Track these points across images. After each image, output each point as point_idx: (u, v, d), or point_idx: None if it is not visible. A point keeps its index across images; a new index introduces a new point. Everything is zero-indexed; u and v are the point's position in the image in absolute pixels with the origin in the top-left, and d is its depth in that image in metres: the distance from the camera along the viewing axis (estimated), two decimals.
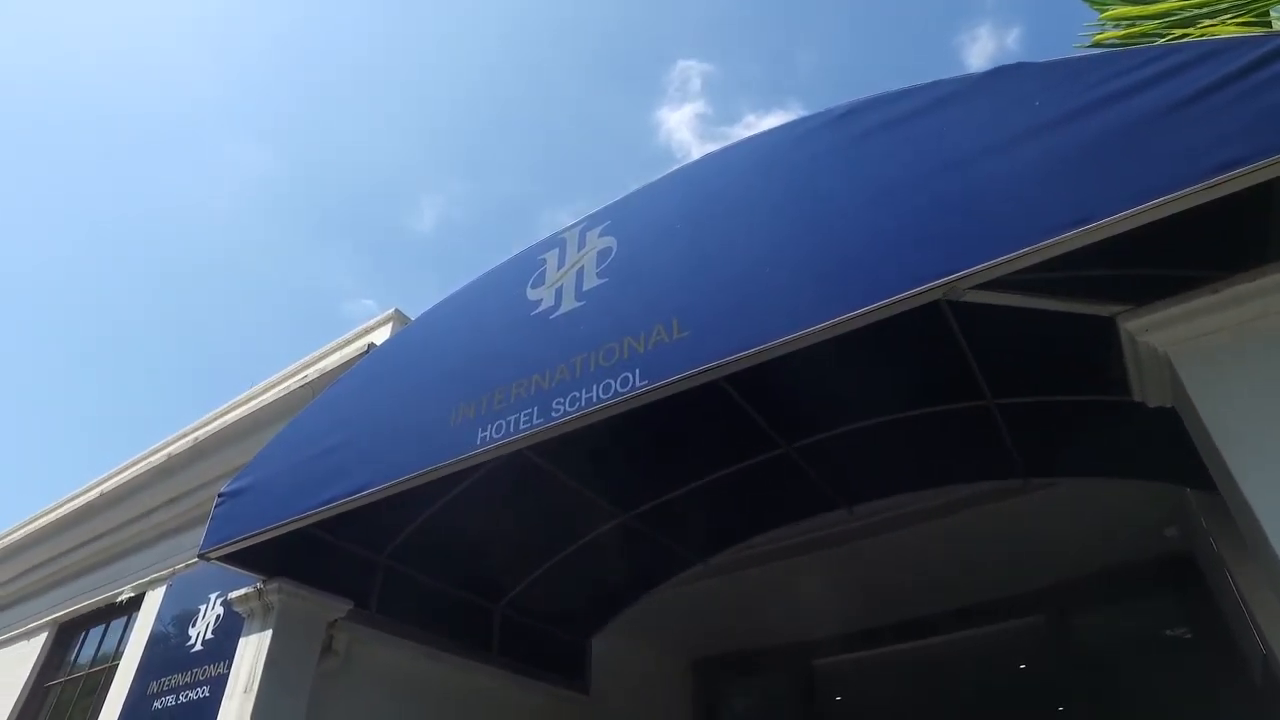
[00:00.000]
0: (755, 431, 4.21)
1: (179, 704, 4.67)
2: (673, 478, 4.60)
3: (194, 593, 5.15)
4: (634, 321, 2.82)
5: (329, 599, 4.08)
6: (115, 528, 6.16)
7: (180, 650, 4.96)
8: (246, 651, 3.96)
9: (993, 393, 3.87)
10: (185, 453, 5.48)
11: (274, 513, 3.58)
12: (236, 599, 4.09)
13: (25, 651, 6.64)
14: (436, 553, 4.61)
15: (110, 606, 6.05)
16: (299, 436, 3.86)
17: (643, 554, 5.13)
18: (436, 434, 3.13)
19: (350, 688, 4.20)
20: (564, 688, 5.44)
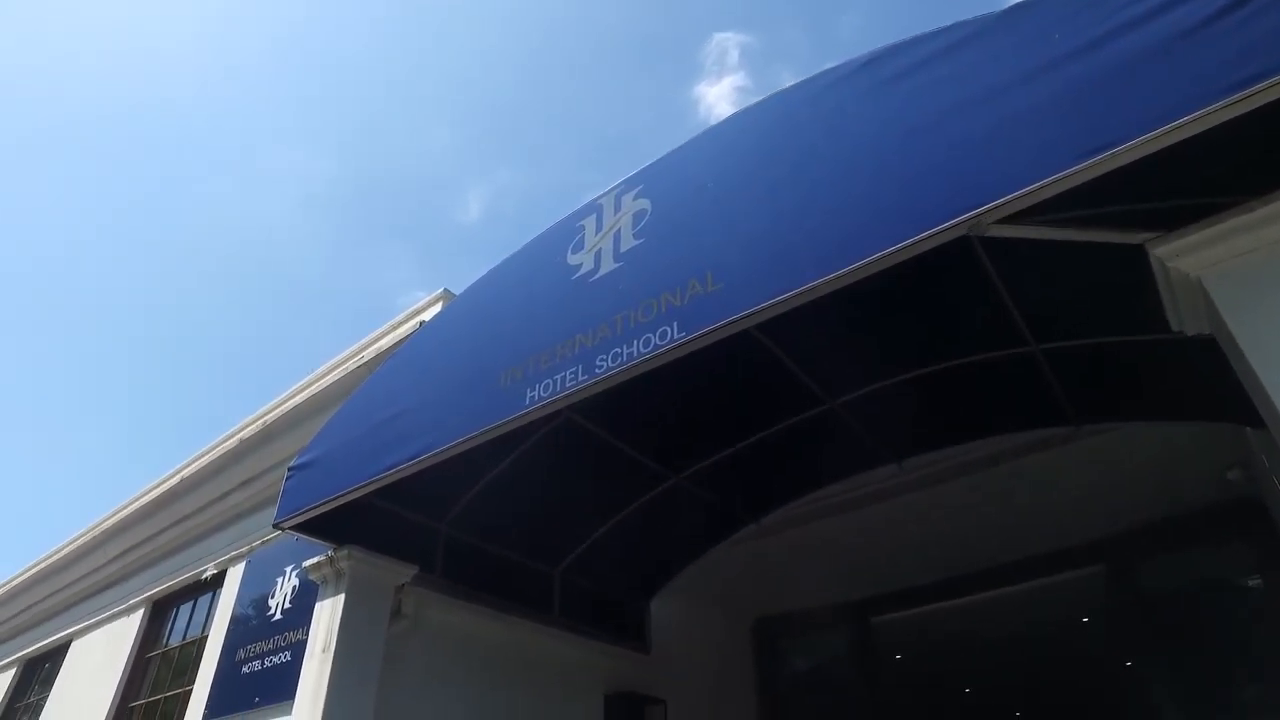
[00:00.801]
0: (800, 389, 4.27)
1: (265, 668, 4.98)
2: (721, 439, 4.69)
3: (271, 567, 5.45)
4: (670, 278, 2.92)
5: (395, 564, 4.28)
6: (196, 510, 6.53)
7: (262, 620, 5.27)
8: (322, 616, 4.19)
9: (1036, 338, 3.86)
10: (255, 436, 5.77)
11: (339, 482, 3.79)
12: (310, 567, 4.33)
13: (126, 627, 7.11)
14: (494, 520, 4.79)
15: (197, 584, 6.42)
16: (358, 411, 4.05)
17: (695, 516, 5.24)
18: (487, 397, 3.28)
19: (420, 647, 4.41)
20: (624, 647, 5.61)
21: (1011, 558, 5.88)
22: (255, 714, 4.85)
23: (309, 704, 3.94)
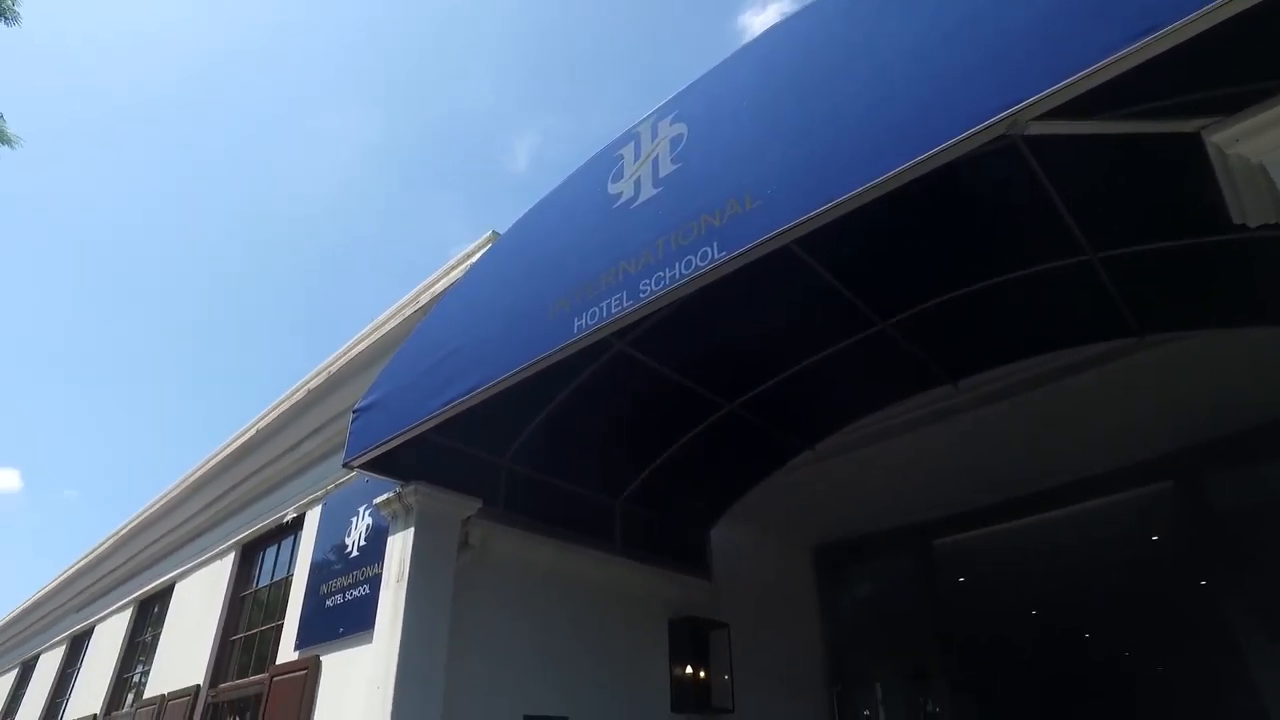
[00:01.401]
0: (849, 311, 4.24)
1: (346, 601, 5.27)
2: (773, 365, 4.70)
3: (346, 507, 5.73)
4: (709, 199, 2.92)
5: (460, 498, 4.46)
6: (274, 459, 6.86)
7: (340, 557, 5.56)
8: (394, 549, 4.41)
9: (1092, 245, 3.75)
10: (322, 385, 6.01)
11: (400, 420, 3.94)
12: (380, 504, 4.54)
13: (220, 570, 7.59)
14: (553, 453, 4.92)
15: (280, 527, 6.80)
16: (415, 352, 4.19)
17: (750, 444, 5.30)
18: (536, 329, 3.35)
19: (487, 577, 4.61)
20: (687, 574, 5.77)
21: (1075, 476, 5.80)
22: (340, 643, 5.16)
23: (387, 631, 4.18)
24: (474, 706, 4.29)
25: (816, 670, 6.60)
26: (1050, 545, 7.16)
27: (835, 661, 6.65)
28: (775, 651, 6.29)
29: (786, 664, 6.37)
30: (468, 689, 4.27)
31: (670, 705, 5.37)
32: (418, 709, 3.95)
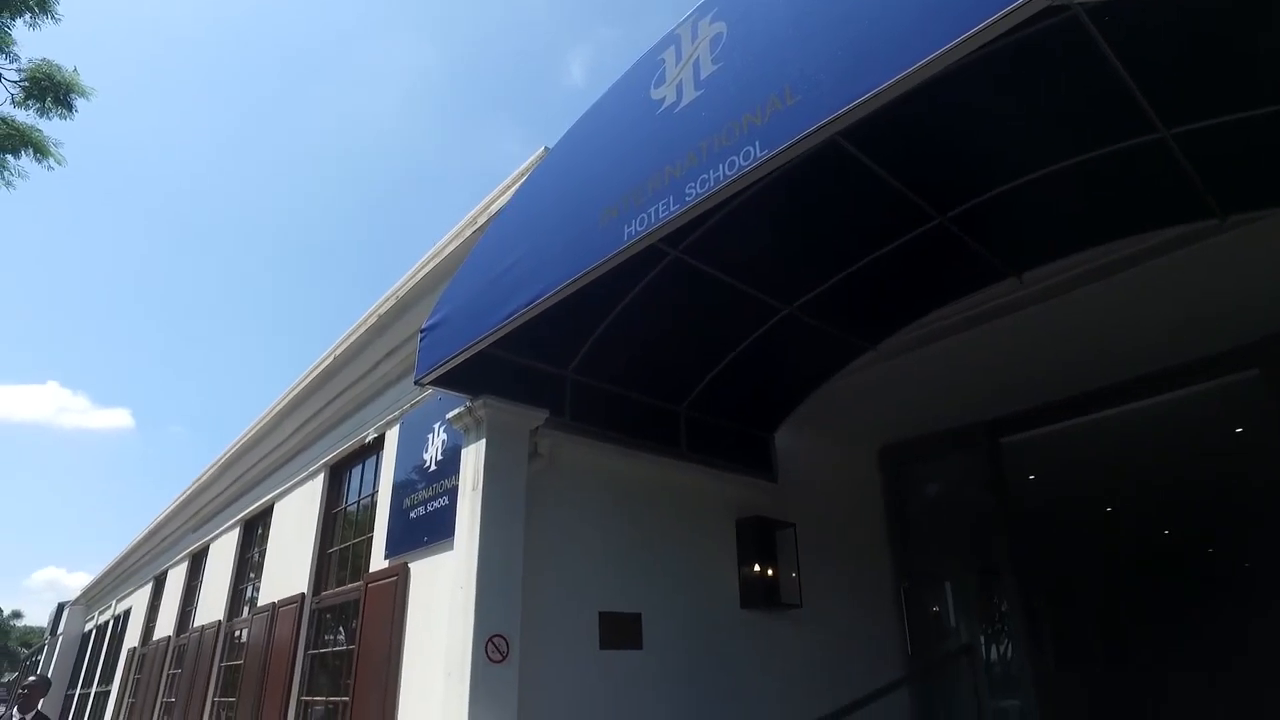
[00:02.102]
0: (906, 205, 4.14)
1: (427, 512, 5.59)
2: (830, 266, 4.65)
3: (422, 425, 6.00)
4: (750, 98, 2.87)
5: (527, 410, 4.63)
6: (352, 383, 7.20)
7: (420, 472, 5.86)
8: (468, 461, 4.63)
9: (1165, 121, 3.55)
10: (391, 310, 6.23)
11: (464, 336, 4.08)
12: (452, 418, 4.75)
13: (313, 490, 8.10)
14: (616, 364, 5.03)
15: (363, 447, 7.18)
16: (475, 270, 4.29)
17: (812, 346, 5.30)
18: (587, 239, 3.40)
19: (558, 484, 4.81)
20: (752, 476, 5.90)
21: (1152, 367, 5.59)
22: (424, 550, 5.50)
23: (466, 537, 4.43)
24: (550, 604, 4.55)
25: (883, 568, 6.72)
26: (1126, 440, 7.01)
27: (902, 559, 6.74)
28: (842, 550, 6.42)
29: (853, 562, 6.50)
30: (544, 588, 4.52)
31: (739, 602, 5.58)
32: (498, 606, 4.22)
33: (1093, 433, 6.38)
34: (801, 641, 5.79)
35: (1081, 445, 6.72)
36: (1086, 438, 6.51)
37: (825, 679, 4.89)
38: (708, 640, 5.30)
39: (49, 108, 10.04)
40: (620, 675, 4.77)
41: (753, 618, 5.61)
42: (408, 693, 5.29)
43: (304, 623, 7.41)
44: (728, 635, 5.44)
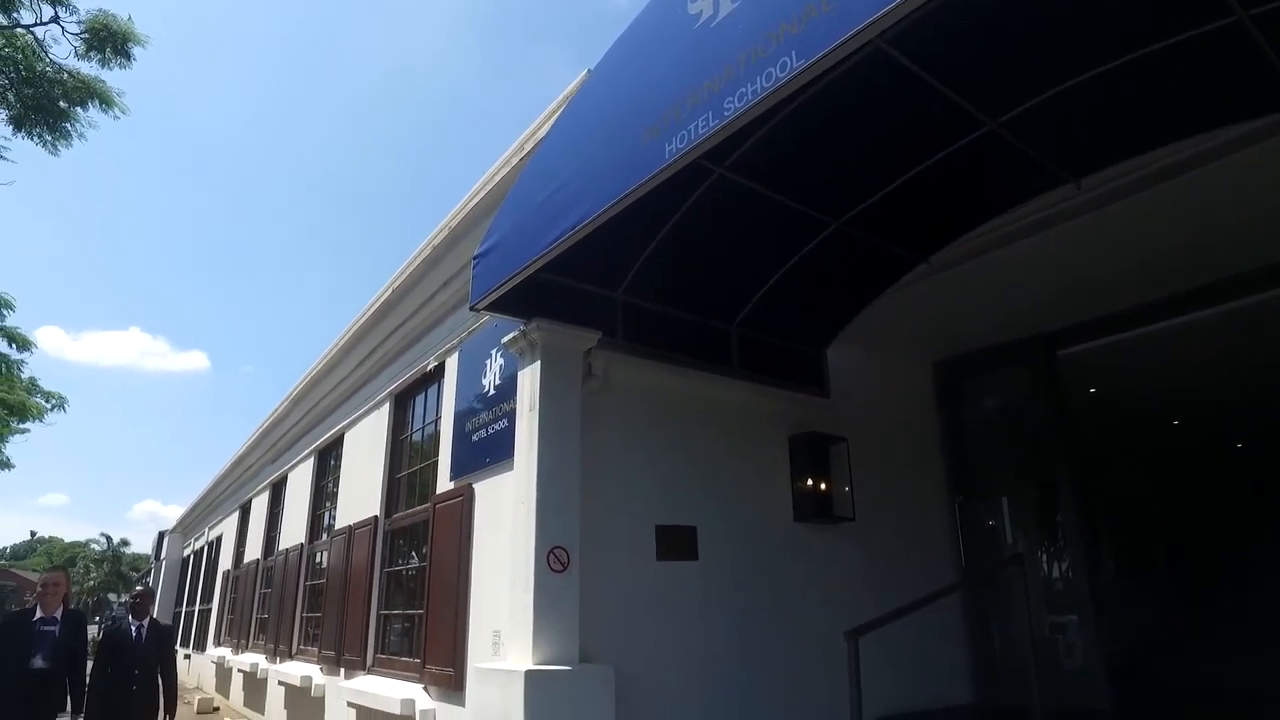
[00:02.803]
0: (955, 112, 4.04)
1: (488, 435, 5.82)
2: (877, 179, 4.59)
3: (480, 351, 6.19)
4: (787, 7, 2.82)
5: (580, 331, 4.74)
6: (412, 314, 7.43)
7: (480, 396, 6.08)
8: (524, 383, 4.79)
9: (1241, 2, 3.35)
10: (444, 240, 6.37)
11: (515, 261, 4.18)
12: (507, 342, 4.90)
13: (379, 418, 8.47)
14: (665, 284, 5.09)
15: (425, 376, 7.44)
16: (523, 196, 4.36)
17: (861, 261, 5.26)
18: (629, 160, 3.43)
19: (612, 403, 4.95)
20: (804, 393, 5.95)
21: (1223, 273, 5.36)
22: (487, 471, 5.75)
23: (525, 456, 4.63)
24: (608, 518, 4.74)
25: (937, 482, 6.75)
26: (1193, 351, 6.83)
27: (957, 474, 6.76)
28: (895, 464, 6.46)
29: (906, 476, 6.54)
30: (601, 503, 4.71)
31: (792, 515, 5.71)
32: (557, 520, 4.43)
33: (1156, 344, 6.23)
34: (853, 553, 5.92)
35: (1144, 357, 6.56)
36: (1149, 349, 6.36)
37: (877, 589, 5.01)
38: (761, 552, 5.47)
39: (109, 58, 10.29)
40: (677, 585, 4.97)
41: (806, 530, 5.75)
42: (477, 603, 5.62)
43: (378, 543, 7.84)
44: (781, 547, 5.59)
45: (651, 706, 4.58)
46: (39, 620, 5.56)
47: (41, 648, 5.45)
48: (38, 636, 5.47)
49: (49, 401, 18.26)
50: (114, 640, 6.22)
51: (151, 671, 6.20)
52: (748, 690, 5.09)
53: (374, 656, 7.52)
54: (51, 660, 5.45)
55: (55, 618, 5.61)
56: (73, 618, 5.81)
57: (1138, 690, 5.86)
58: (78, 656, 5.78)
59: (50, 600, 5.66)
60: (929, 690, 5.99)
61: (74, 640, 5.71)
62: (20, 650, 5.39)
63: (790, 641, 5.33)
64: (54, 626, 5.55)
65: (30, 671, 5.36)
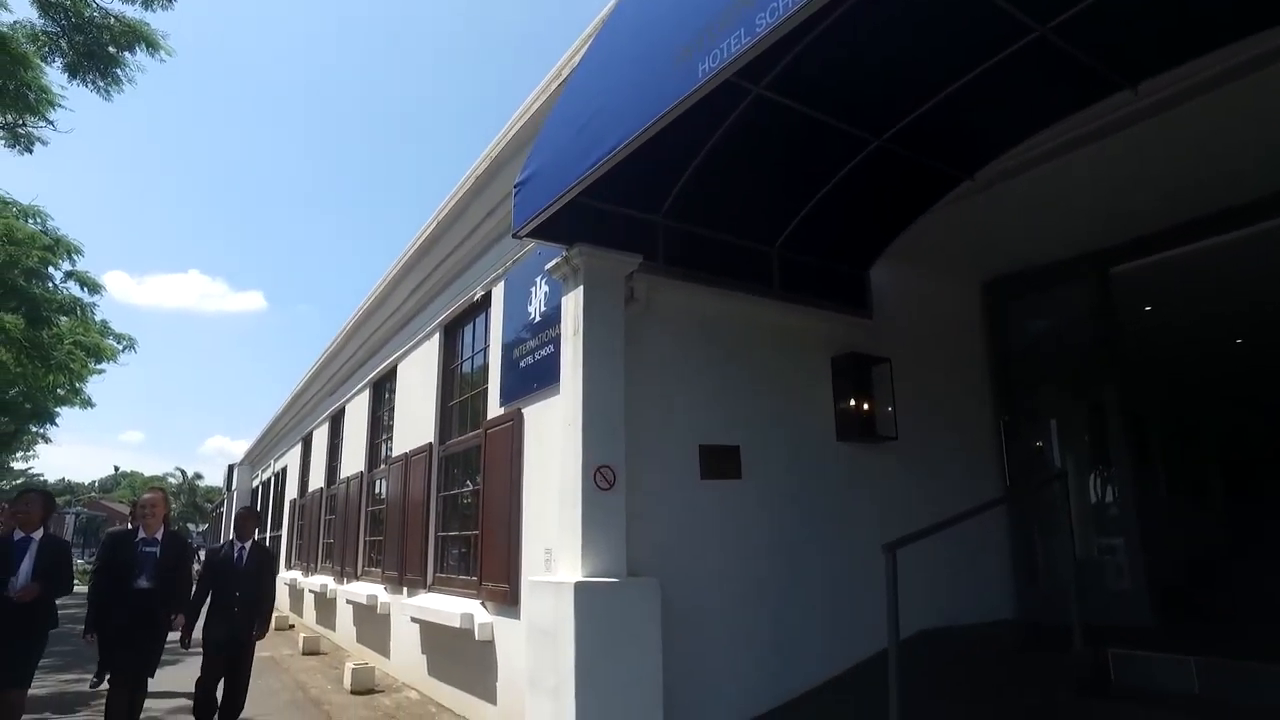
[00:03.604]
0: (1000, 18, 3.89)
1: (535, 361, 5.96)
2: (919, 92, 4.46)
3: (524, 280, 6.30)
4: None
5: (621, 256, 4.79)
6: (458, 244, 7.55)
7: (526, 323, 6.21)
8: (568, 308, 4.88)
9: None
10: (486, 170, 6.42)
11: (554, 187, 4.22)
12: (551, 268, 4.98)
13: (430, 348, 8.71)
14: (705, 206, 5.08)
15: (472, 305, 7.60)
16: (560, 123, 4.37)
17: (904, 179, 5.17)
18: (663, 81, 3.40)
19: (654, 326, 5.03)
20: (847, 313, 5.94)
21: None
22: (535, 395, 5.91)
23: (571, 379, 4.75)
24: (652, 439, 4.87)
25: (983, 403, 6.72)
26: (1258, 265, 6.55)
27: (1003, 395, 6.70)
28: (939, 385, 6.45)
29: (951, 396, 6.53)
30: (646, 423, 4.83)
31: (835, 434, 5.78)
32: (603, 439, 4.57)
33: (1218, 258, 6.00)
34: (896, 472, 5.98)
35: (1204, 273, 6.33)
36: (1210, 264, 6.12)
37: (920, 508, 5.06)
38: (804, 470, 5.57)
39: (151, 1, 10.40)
40: (721, 503, 5.12)
41: (848, 449, 5.82)
42: (529, 522, 5.86)
43: (434, 469, 8.15)
44: (824, 466, 5.68)
45: (698, 619, 4.77)
46: (141, 541, 5.51)
47: (145, 569, 5.43)
48: (141, 558, 5.44)
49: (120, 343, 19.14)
50: (217, 562, 6.20)
51: (253, 594, 6.13)
52: (791, 605, 5.26)
53: (434, 576, 7.91)
54: (155, 581, 5.43)
55: (156, 539, 5.57)
56: (174, 539, 5.75)
57: (1184, 609, 5.87)
58: (181, 577, 5.73)
59: (151, 521, 5.60)
60: (972, 606, 6.11)
61: (176, 561, 5.65)
62: (125, 571, 5.39)
63: (833, 558, 5.47)
64: (155, 548, 5.51)
65: (135, 592, 5.36)
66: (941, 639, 5.61)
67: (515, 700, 5.57)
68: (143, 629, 5.36)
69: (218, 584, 6.01)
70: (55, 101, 9.98)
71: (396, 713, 7.16)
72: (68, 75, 9.71)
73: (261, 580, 6.26)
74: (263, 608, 6.28)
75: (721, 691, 4.81)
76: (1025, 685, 4.71)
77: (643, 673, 4.25)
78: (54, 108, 10.02)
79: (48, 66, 9.79)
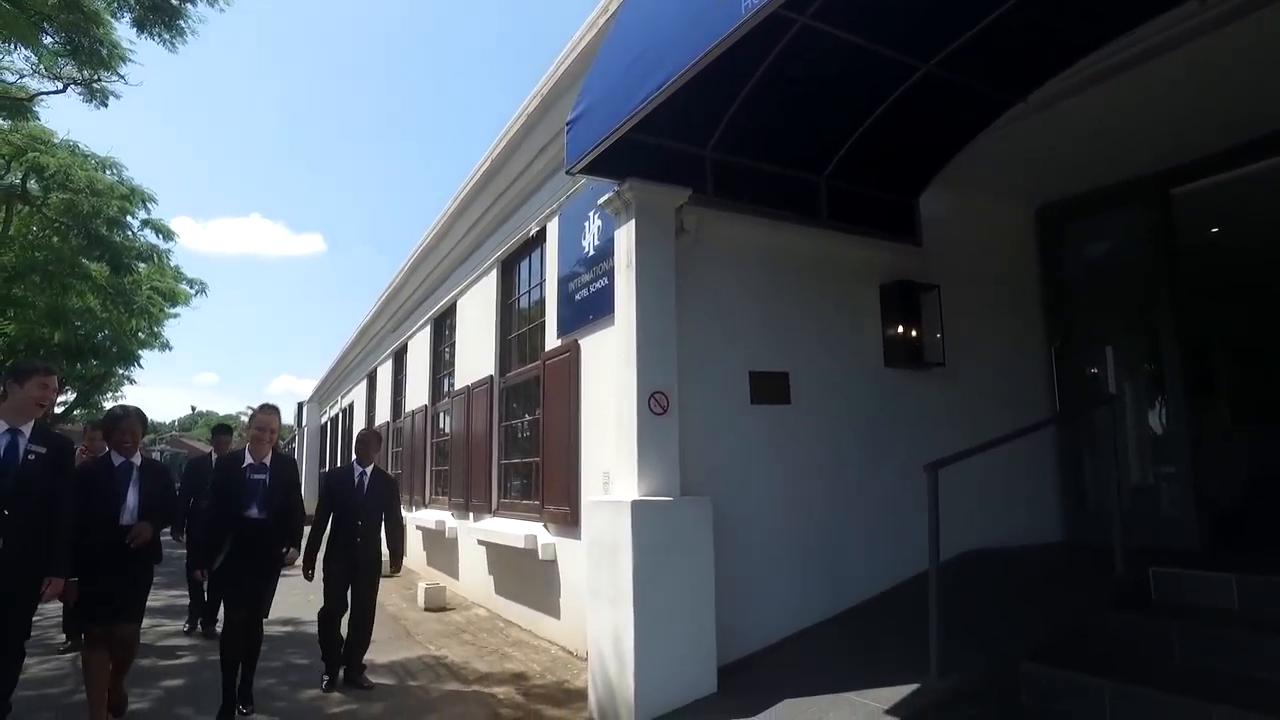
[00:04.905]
0: None
1: (590, 294, 6.18)
2: (968, 12, 4.40)
3: (578, 215, 6.47)
4: None
5: (671, 189, 4.92)
6: (512, 181, 7.73)
7: (580, 257, 6.41)
8: (621, 241, 5.05)
9: None
10: (537, 107, 6.55)
11: (605, 123, 4.35)
12: (603, 203, 5.14)
13: (489, 283, 9.00)
14: (752, 138, 5.14)
15: (528, 241, 7.82)
16: (610, 58, 4.46)
17: (954, 104, 5.12)
18: (711, 14, 3.47)
19: (705, 257, 5.17)
20: (896, 241, 5.98)
21: None
22: (590, 327, 6.15)
23: (625, 310, 4.94)
24: (703, 365, 5.06)
25: (1034, 329, 6.69)
26: None
27: (1055, 320, 6.67)
28: (989, 312, 6.46)
29: (1001, 323, 6.52)
30: (697, 351, 5.02)
31: (883, 361, 5.89)
32: (656, 367, 4.77)
33: None
34: (945, 398, 6.07)
35: (1269, 193, 6.13)
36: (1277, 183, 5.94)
37: (967, 432, 5.14)
38: (852, 396, 5.71)
39: None
40: (769, 427, 5.31)
41: (896, 375, 5.93)
42: (587, 448, 6.16)
43: (495, 400, 8.52)
44: (871, 391, 5.82)
45: (748, 536, 5.03)
46: (249, 467, 4.94)
47: (255, 497, 4.89)
48: (250, 485, 4.90)
49: (193, 287, 20.03)
50: (335, 488, 5.73)
51: (375, 524, 5.71)
52: (839, 524, 5.48)
53: (498, 501, 8.35)
54: (266, 510, 4.89)
55: (265, 464, 4.97)
56: (284, 464, 5.13)
57: (1235, 537, 5.89)
58: (293, 506, 5.10)
59: (262, 446, 5.01)
60: (1020, 529, 6.23)
61: (288, 488, 5.08)
62: (233, 500, 4.87)
63: (880, 480, 5.65)
64: (264, 474, 4.94)
65: (246, 521, 4.84)
66: (986, 559, 5.78)
67: (577, 614, 5.96)
68: (255, 564, 4.85)
69: (338, 512, 5.63)
70: (125, 56, 10.34)
71: (468, 627, 7.68)
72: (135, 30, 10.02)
73: (390, 510, 5.84)
74: (394, 543, 5.90)
75: (771, 603, 5.09)
76: (1062, 599, 4.88)
77: (696, 583, 4.54)
78: (124, 62, 10.38)
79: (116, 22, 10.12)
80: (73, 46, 9.97)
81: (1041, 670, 3.95)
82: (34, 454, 3.79)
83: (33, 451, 3.79)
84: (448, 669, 6.03)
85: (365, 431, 6.23)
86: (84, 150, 13.40)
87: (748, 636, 4.92)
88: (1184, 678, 3.66)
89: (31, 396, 3.84)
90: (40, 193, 13.27)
